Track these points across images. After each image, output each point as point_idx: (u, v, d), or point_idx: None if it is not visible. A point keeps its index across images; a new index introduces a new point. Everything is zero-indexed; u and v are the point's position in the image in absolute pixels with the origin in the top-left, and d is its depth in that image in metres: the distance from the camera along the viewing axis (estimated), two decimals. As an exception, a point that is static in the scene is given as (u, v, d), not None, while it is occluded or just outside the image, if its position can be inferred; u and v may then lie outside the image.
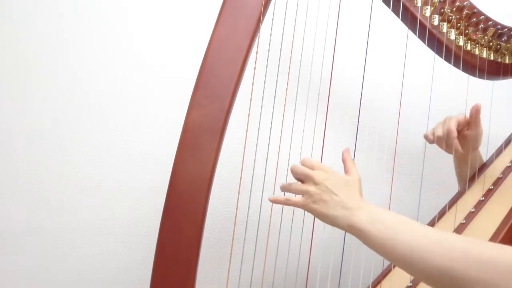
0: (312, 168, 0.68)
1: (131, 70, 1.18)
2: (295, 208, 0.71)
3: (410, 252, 0.56)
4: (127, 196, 1.15)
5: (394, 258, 0.59)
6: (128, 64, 1.18)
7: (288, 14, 0.75)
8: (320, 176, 0.66)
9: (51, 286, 1.14)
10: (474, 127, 0.88)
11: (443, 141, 0.88)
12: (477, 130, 0.88)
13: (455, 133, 0.85)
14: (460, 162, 0.95)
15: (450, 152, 0.90)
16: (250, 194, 0.78)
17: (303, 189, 0.67)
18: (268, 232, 0.78)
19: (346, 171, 0.71)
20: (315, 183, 0.66)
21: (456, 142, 0.86)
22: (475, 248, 0.53)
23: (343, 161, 0.72)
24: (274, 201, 0.70)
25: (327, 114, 0.81)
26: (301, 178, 0.69)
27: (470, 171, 0.93)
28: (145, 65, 1.18)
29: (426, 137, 0.91)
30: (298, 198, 0.68)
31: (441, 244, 0.54)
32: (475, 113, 0.87)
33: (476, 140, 0.90)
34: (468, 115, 0.88)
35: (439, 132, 0.87)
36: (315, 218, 0.71)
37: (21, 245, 1.14)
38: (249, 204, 0.79)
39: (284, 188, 0.72)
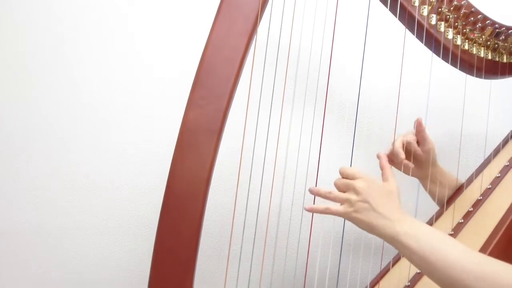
0: (353, 177, 0.68)
1: (129, 70, 1.18)
2: (293, 206, 0.71)
3: (449, 276, 0.58)
4: (126, 196, 1.16)
5: (431, 274, 0.60)
6: (126, 64, 1.18)
7: (286, 13, 0.75)
8: (362, 186, 0.66)
9: (51, 286, 1.14)
10: (423, 142, 0.86)
11: (396, 164, 0.86)
12: (426, 144, 0.86)
13: (402, 155, 0.83)
14: (424, 181, 0.92)
15: (407, 173, 0.88)
16: (248, 194, 0.78)
17: (343, 198, 0.67)
18: (266, 232, 0.78)
19: (385, 179, 0.70)
20: (357, 193, 0.66)
21: (405, 162, 0.84)
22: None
23: (382, 168, 0.71)
24: (311, 210, 0.69)
25: (325, 114, 0.81)
26: (342, 188, 0.68)
27: (441, 187, 0.92)
28: (143, 65, 1.18)
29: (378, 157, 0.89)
30: (338, 207, 0.67)
31: (477, 267, 0.57)
32: (418, 127, 0.85)
33: (428, 154, 0.87)
34: (465, 117, 0.88)
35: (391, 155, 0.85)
36: (313, 219, 0.71)
37: (21, 245, 1.14)
38: (247, 204, 0.79)
39: (315, 192, 0.70)
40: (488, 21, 0.85)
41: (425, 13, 0.84)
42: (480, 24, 0.86)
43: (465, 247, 0.61)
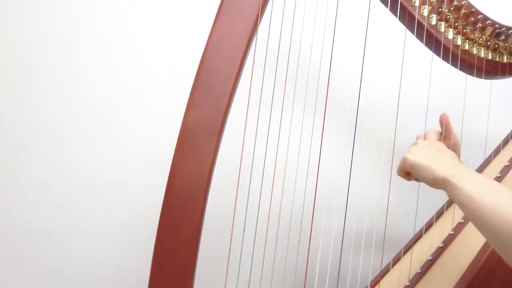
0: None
1: (129, 70, 1.18)
2: (293, 207, 0.71)
3: (502, 226, 0.55)
4: (126, 197, 1.16)
5: (482, 225, 0.58)
6: (126, 64, 1.18)
7: (286, 13, 0.75)
8: (428, 140, 0.71)
9: (51, 286, 1.14)
10: (448, 137, 0.85)
11: None
12: (452, 139, 0.84)
13: None
14: None
15: None
16: (248, 194, 0.78)
17: (411, 147, 0.71)
18: (267, 232, 0.78)
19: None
20: (422, 143, 0.71)
21: None
22: None
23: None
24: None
25: (325, 114, 0.81)
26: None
27: None
28: (143, 65, 1.18)
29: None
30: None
31: None
32: (445, 123, 0.84)
33: (454, 151, 0.86)
34: (465, 117, 0.87)
35: None
36: (313, 219, 0.71)
37: (21, 245, 1.14)
38: (247, 204, 0.79)
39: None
40: (489, 21, 0.85)
41: (425, 13, 0.83)
42: (480, 24, 0.86)
43: None
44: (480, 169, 0.95)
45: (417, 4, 0.83)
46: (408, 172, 0.73)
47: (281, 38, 0.76)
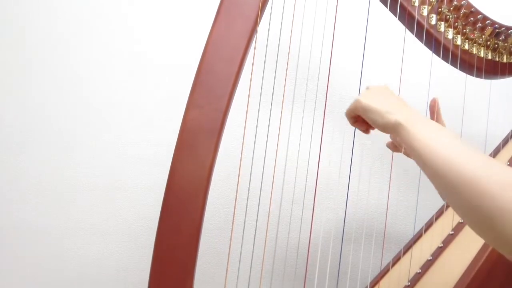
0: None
1: (129, 70, 1.18)
2: (293, 206, 0.71)
3: (450, 173, 0.52)
4: (126, 197, 1.16)
5: (431, 171, 0.56)
6: (126, 63, 1.18)
7: (286, 13, 0.75)
8: (371, 86, 0.69)
9: (51, 286, 1.14)
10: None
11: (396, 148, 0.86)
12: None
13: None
14: None
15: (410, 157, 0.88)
16: (248, 194, 0.78)
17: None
18: (266, 232, 0.78)
19: None
20: (368, 89, 0.69)
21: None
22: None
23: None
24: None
25: (325, 114, 0.81)
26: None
27: None
28: (143, 65, 1.18)
29: (388, 145, 0.89)
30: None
31: (479, 156, 0.52)
32: (435, 106, 0.83)
33: None
34: (465, 117, 0.87)
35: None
36: (313, 218, 0.71)
37: (21, 245, 1.14)
38: (247, 204, 0.79)
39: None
40: (488, 21, 0.85)
41: (425, 13, 0.84)
42: (480, 24, 0.86)
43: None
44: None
45: (416, 4, 0.83)
46: (355, 118, 0.72)
47: (281, 38, 0.76)
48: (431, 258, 0.81)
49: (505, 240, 0.46)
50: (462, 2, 0.83)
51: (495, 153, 0.97)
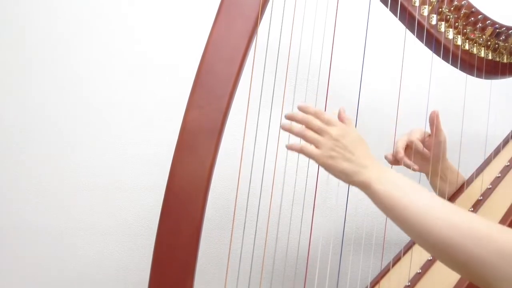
0: (328, 123, 0.66)
1: (129, 70, 1.18)
2: (293, 207, 0.71)
3: (418, 218, 0.56)
4: (126, 196, 1.16)
5: (402, 221, 0.58)
6: (126, 64, 1.18)
7: (286, 14, 0.75)
8: (337, 133, 0.65)
9: (51, 286, 1.14)
10: (437, 133, 0.87)
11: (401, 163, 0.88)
12: (439, 136, 0.87)
13: (400, 154, 0.86)
14: (433, 178, 0.93)
15: (415, 170, 0.89)
16: (248, 194, 0.78)
17: (320, 140, 0.65)
18: (266, 232, 0.78)
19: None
20: (332, 139, 0.65)
21: (408, 163, 0.87)
22: (479, 224, 0.54)
23: (342, 119, 0.69)
24: (289, 148, 0.68)
25: (325, 114, 0.81)
26: (316, 131, 0.66)
27: (448, 184, 0.92)
28: (143, 65, 1.18)
29: (386, 158, 0.90)
30: (314, 149, 0.66)
31: (448, 215, 0.55)
32: (435, 119, 0.86)
33: (438, 148, 0.88)
34: (464, 117, 0.88)
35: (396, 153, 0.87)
36: (313, 219, 0.71)
37: (21, 245, 1.14)
38: (247, 205, 0.79)
39: (290, 129, 0.68)
40: (489, 21, 0.85)
41: (425, 13, 0.84)
42: (480, 24, 0.86)
43: (436, 196, 0.60)
44: (480, 169, 0.95)
45: (417, 4, 0.83)
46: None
47: (281, 38, 0.76)
48: (431, 258, 0.81)
49: None
50: (463, 2, 0.83)
51: (495, 154, 0.97)
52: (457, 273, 0.57)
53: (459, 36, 0.85)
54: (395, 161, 0.88)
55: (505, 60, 0.89)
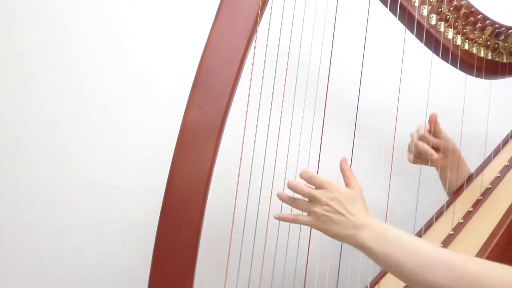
0: (316, 186, 0.68)
1: (129, 70, 1.18)
2: (293, 209, 0.71)
3: (413, 270, 0.59)
4: (126, 196, 1.16)
5: (399, 274, 0.61)
6: (126, 64, 1.18)
7: (286, 13, 0.75)
8: (326, 197, 0.67)
9: (51, 286, 1.14)
10: (437, 135, 0.88)
11: (422, 160, 0.90)
12: (441, 138, 0.88)
13: (435, 155, 0.87)
14: (443, 170, 0.95)
15: (431, 165, 0.92)
16: (248, 194, 0.78)
17: (310, 209, 0.68)
18: (266, 233, 0.78)
19: (347, 184, 0.71)
20: (322, 204, 0.67)
21: (431, 152, 0.88)
22: (472, 268, 0.56)
23: (342, 171, 0.72)
24: (280, 219, 0.71)
25: (325, 114, 0.81)
26: (306, 197, 0.69)
27: (458, 176, 0.93)
28: (143, 65, 1.18)
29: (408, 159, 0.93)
30: (306, 217, 0.69)
31: (443, 264, 0.57)
32: (431, 121, 0.87)
33: (446, 144, 0.89)
34: (465, 117, 0.89)
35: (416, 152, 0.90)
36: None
37: (21, 245, 1.14)
38: (246, 205, 0.79)
39: (282, 198, 0.72)
40: (488, 21, 0.85)
41: (425, 13, 0.84)
42: (480, 24, 0.86)
43: (435, 246, 0.62)
44: (480, 169, 0.95)
45: (416, 4, 0.83)
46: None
47: (281, 38, 0.76)
48: (431, 258, 0.81)
49: None
50: (462, 2, 0.83)
51: (495, 153, 0.97)
52: None
53: (458, 36, 0.85)
54: (415, 159, 0.91)
55: (504, 60, 0.89)
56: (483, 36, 0.86)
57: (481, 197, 0.86)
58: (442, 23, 0.84)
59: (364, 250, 0.64)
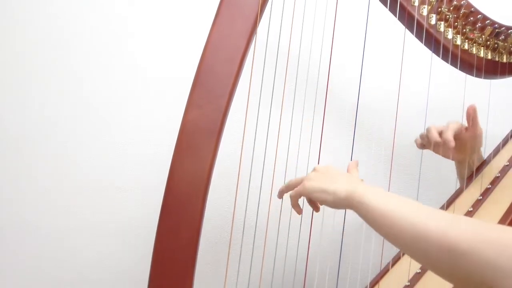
0: (298, 182, 0.71)
1: (129, 70, 1.18)
2: (292, 208, 0.71)
3: (411, 227, 0.52)
4: (126, 196, 1.16)
5: (393, 233, 0.55)
6: (126, 64, 1.18)
7: (285, 13, 0.75)
8: (317, 167, 0.69)
9: (51, 286, 1.14)
10: (473, 129, 0.88)
11: (439, 147, 0.88)
12: (475, 131, 0.88)
13: (452, 143, 0.85)
14: (461, 164, 0.95)
15: (447, 157, 0.91)
16: (248, 194, 0.78)
17: (302, 178, 0.69)
18: (266, 233, 0.78)
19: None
20: (313, 171, 0.68)
21: (452, 150, 0.87)
22: (485, 228, 0.49)
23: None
24: (281, 194, 0.75)
25: (325, 114, 0.81)
26: (298, 184, 0.70)
27: (470, 172, 0.93)
28: (143, 65, 1.18)
29: (416, 142, 0.91)
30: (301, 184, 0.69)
31: (447, 222, 0.51)
32: (473, 113, 0.86)
33: (474, 141, 0.89)
34: (465, 116, 0.88)
35: (436, 138, 0.86)
36: (313, 219, 0.71)
37: (21, 245, 1.14)
38: (246, 205, 0.79)
39: (283, 190, 0.75)
40: (488, 21, 0.85)
41: (424, 13, 0.84)
42: (479, 24, 0.86)
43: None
44: (480, 169, 0.94)
45: (416, 3, 0.83)
46: (312, 201, 0.73)
47: (281, 38, 0.76)
48: (430, 258, 0.81)
49: None
50: (462, 2, 0.83)
51: (495, 153, 0.97)
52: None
53: (458, 35, 0.85)
54: (421, 145, 0.90)
55: (504, 60, 0.89)
56: (483, 36, 0.86)
57: (481, 197, 0.86)
58: (442, 23, 0.84)
59: (356, 204, 0.60)
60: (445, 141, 0.85)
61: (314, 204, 0.75)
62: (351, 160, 0.75)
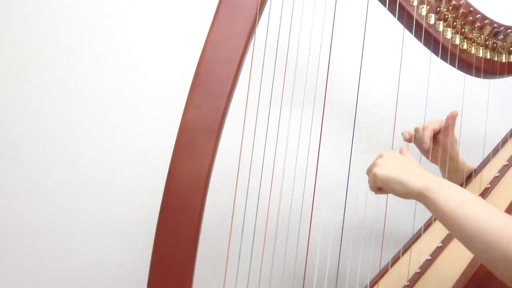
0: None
1: (128, 70, 1.18)
2: (292, 209, 0.71)
3: (480, 231, 0.53)
4: (126, 196, 1.16)
5: (461, 236, 0.56)
6: (125, 64, 1.18)
7: (284, 13, 0.75)
8: (383, 153, 0.69)
9: (51, 286, 1.14)
10: (445, 133, 0.87)
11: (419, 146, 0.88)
12: (447, 136, 0.87)
13: (426, 144, 0.85)
14: (441, 168, 0.93)
15: (426, 158, 0.90)
16: (247, 194, 0.78)
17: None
18: (265, 232, 0.78)
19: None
20: (381, 157, 0.68)
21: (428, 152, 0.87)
22: None
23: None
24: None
25: (324, 114, 0.81)
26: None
27: (453, 180, 0.92)
28: (143, 65, 1.18)
29: (403, 134, 0.91)
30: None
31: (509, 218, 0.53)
32: (449, 119, 0.86)
33: (446, 146, 0.88)
34: (462, 116, 0.88)
35: (409, 139, 0.88)
36: (312, 218, 0.71)
37: (21, 245, 1.14)
38: (246, 204, 0.79)
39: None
40: (487, 20, 0.86)
41: (423, 12, 0.84)
42: (478, 24, 0.86)
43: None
44: (479, 169, 0.95)
45: (415, 3, 0.83)
46: (380, 187, 0.72)
47: (280, 38, 0.76)
48: (430, 258, 0.81)
49: None
50: (461, 2, 0.83)
51: (494, 153, 0.97)
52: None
53: (457, 35, 0.85)
54: (410, 138, 0.89)
55: (503, 60, 0.89)
56: (482, 36, 0.86)
57: (480, 197, 0.87)
58: (441, 22, 0.85)
59: (426, 198, 0.60)
60: (421, 141, 0.85)
61: (380, 190, 0.73)
62: (350, 160, 0.75)
